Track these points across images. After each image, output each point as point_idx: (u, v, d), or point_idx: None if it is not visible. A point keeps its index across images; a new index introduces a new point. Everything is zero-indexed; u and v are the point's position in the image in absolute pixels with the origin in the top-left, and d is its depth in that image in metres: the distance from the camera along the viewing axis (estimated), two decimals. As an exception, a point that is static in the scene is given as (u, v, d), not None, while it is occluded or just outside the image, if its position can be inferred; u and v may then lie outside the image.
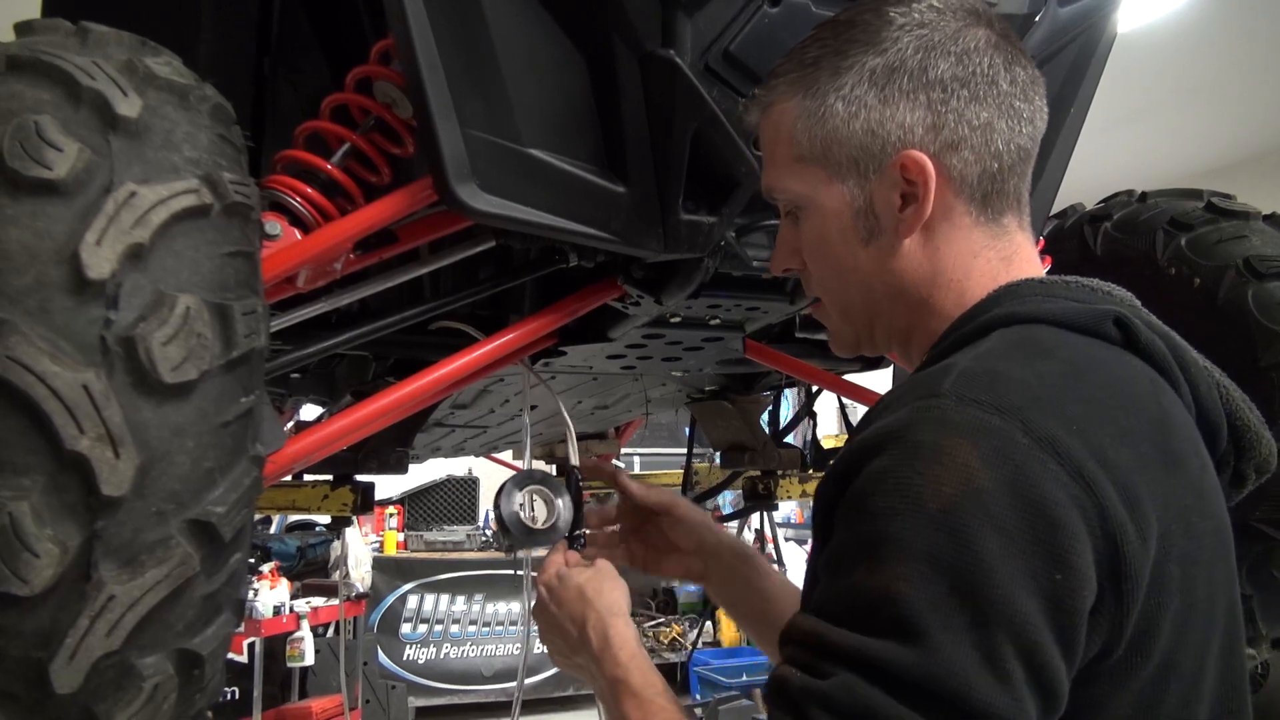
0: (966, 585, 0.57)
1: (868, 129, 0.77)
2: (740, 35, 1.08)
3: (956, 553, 0.57)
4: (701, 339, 1.54)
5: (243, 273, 0.77)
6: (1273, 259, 1.45)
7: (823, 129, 0.79)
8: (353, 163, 1.14)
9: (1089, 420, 0.62)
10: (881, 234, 0.79)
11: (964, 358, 0.68)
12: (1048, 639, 0.57)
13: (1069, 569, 0.58)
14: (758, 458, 2.15)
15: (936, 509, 0.58)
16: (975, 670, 0.56)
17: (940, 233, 0.78)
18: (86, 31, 0.80)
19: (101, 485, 0.65)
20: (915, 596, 0.57)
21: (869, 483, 0.63)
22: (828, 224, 0.81)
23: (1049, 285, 0.76)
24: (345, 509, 1.72)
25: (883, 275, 0.80)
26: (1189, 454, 0.68)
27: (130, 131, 0.72)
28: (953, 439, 0.60)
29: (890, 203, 0.78)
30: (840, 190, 0.80)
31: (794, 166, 0.82)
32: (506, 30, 1.04)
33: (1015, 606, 0.56)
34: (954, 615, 0.57)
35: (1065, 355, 0.67)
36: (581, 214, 1.10)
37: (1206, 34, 4.05)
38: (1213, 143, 5.13)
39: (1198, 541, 0.65)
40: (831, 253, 0.82)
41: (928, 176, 0.76)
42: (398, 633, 5.70)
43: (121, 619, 0.68)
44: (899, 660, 0.57)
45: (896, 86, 0.77)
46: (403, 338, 1.46)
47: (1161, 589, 0.62)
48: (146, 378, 0.68)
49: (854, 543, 0.63)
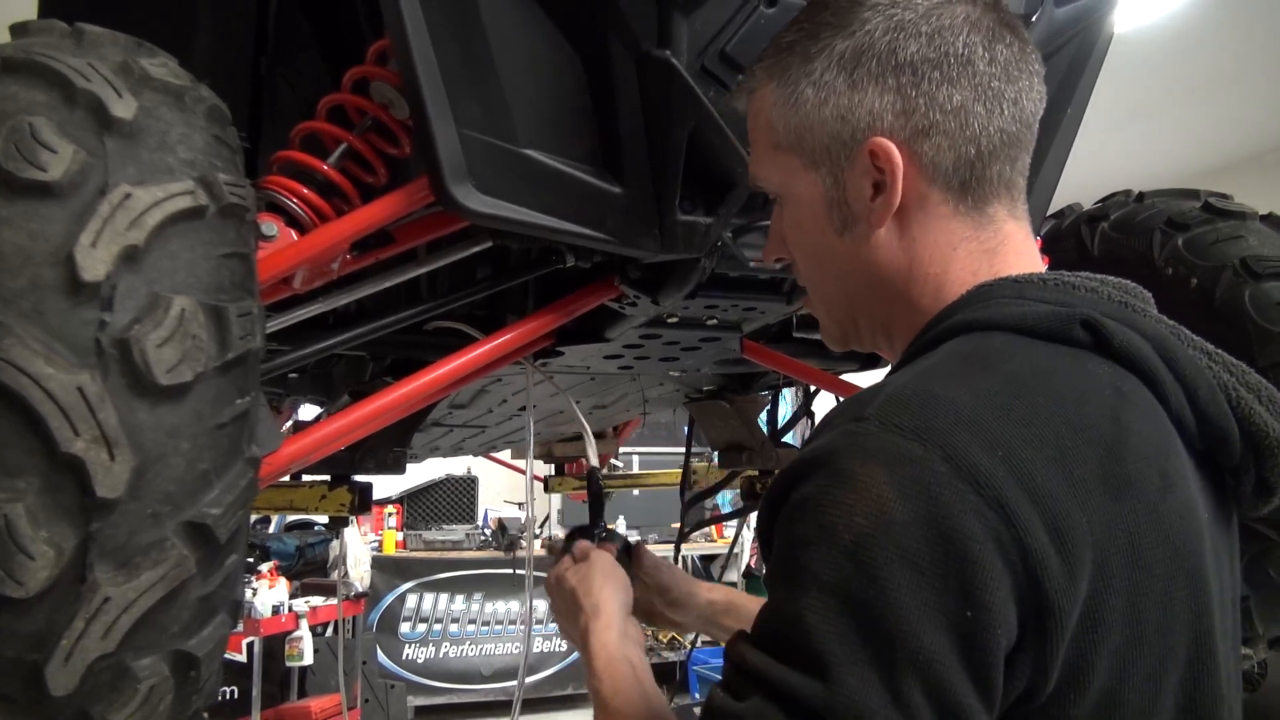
0: (873, 620, 0.56)
1: (837, 115, 0.75)
2: (737, 36, 1.08)
3: (864, 586, 0.56)
4: (699, 339, 1.54)
5: (238, 274, 0.77)
6: (1269, 259, 1.45)
7: (795, 116, 0.77)
8: (349, 163, 1.14)
9: (1021, 443, 0.59)
10: (856, 224, 0.77)
11: (902, 376, 0.66)
12: (958, 677, 0.55)
13: (981, 607, 0.56)
14: (755, 457, 2.15)
15: (849, 540, 0.57)
16: (879, 706, 0.55)
17: (916, 223, 0.76)
18: (81, 33, 0.80)
19: (96, 487, 0.65)
20: (823, 629, 0.57)
21: (793, 509, 0.62)
22: (803, 213, 0.80)
23: (1022, 286, 0.72)
24: (343, 509, 1.72)
25: (859, 266, 0.78)
26: (1146, 475, 0.63)
27: (125, 133, 0.72)
28: (870, 467, 0.59)
29: (862, 191, 0.75)
30: (814, 179, 0.78)
31: (772, 154, 0.81)
32: (503, 31, 1.04)
33: (922, 642, 0.55)
34: (860, 650, 0.56)
35: (1011, 369, 0.64)
36: (578, 214, 1.10)
37: (1204, 34, 4.05)
38: (1211, 143, 5.13)
39: (1147, 571, 0.61)
40: (809, 242, 0.81)
41: (894, 164, 0.73)
42: (397, 632, 5.71)
43: (117, 621, 0.68)
44: (805, 692, 0.56)
45: (865, 70, 0.74)
46: (400, 338, 1.46)
47: (1097, 623, 0.59)
48: (141, 380, 0.68)
49: (776, 568, 0.63)
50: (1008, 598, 0.56)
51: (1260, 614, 1.46)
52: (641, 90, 1.08)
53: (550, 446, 3.09)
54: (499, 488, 6.38)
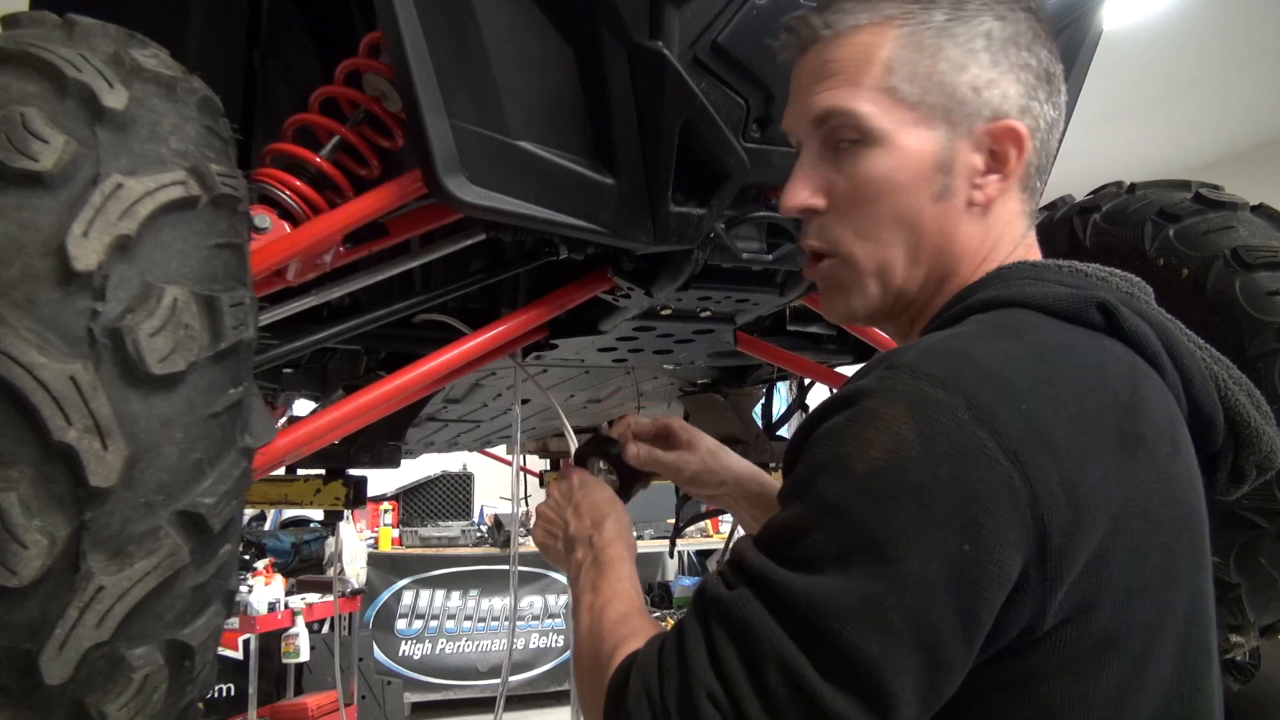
0: (871, 543, 0.60)
1: (973, 85, 0.75)
2: (729, 27, 1.08)
3: (869, 513, 0.60)
4: (692, 331, 1.54)
5: (230, 264, 0.77)
6: (1260, 249, 1.46)
7: (928, 68, 0.75)
8: (342, 155, 1.14)
9: (1043, 400, 0.62)
10: (953, 195, 0.76)
11: (932, 336, 0.69)
12: (942, 606, 0.59)
13: (980, 543, 0.59)
14: (750, 450, 2.16)
15: (862, 470, 0.61)
16: (855, 615, 0.59)
17: (995, 212, 0.78)
18: (73, 24, 0.80)
19: (89, 476, 0.65)
20: (823, 543, 0.61)
21: (819, 436, 0.66)
22: (902, 168, 0.75)
23: (1039, 269, 0.75)
24: (338, 503, 1.72)
25: (936, 239, 0.77)
26: (1159, 439, 0.67)
27: (117, 123, 0.72)
28: (894, 408, 0.62)
29: (972, 166, 0.76)
30: (928, 135, 0.75)
31: (878, 95, 0.76)
32: (495, 23, 1.04)
33: (912, 567, 0.59)
34: (852, 566, 0.60)
35: (1035, 339, 0.67)
36: (571, 206, 1.10)
37: (1197, 30, 4.07)
38: (1203, 137, 5.15)
39: (1154, 526, 0.65)
40: (894, 200, 0.76)
41: (1024, 150, 0.75)
42: (393, 628, 5.71)
43: (111, 610, 0.68)
44: (790, 588, 0.61)
45: (1007, 57, 0.76)
46: (394, 331, 1.47)
47: (1103, 568, 0.62)
48: (134, 369, 0.68)
49: (790, 487, 0.67)
50: (1012, 541, 0.59)
51: (1251, 602, 1.47)
52: (634, 82, 1.08)
53: (545, 441, 3.09)
54: (495, 484, 6.37)
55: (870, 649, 0.58)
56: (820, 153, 0.79)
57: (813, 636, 0.59)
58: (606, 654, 0.76)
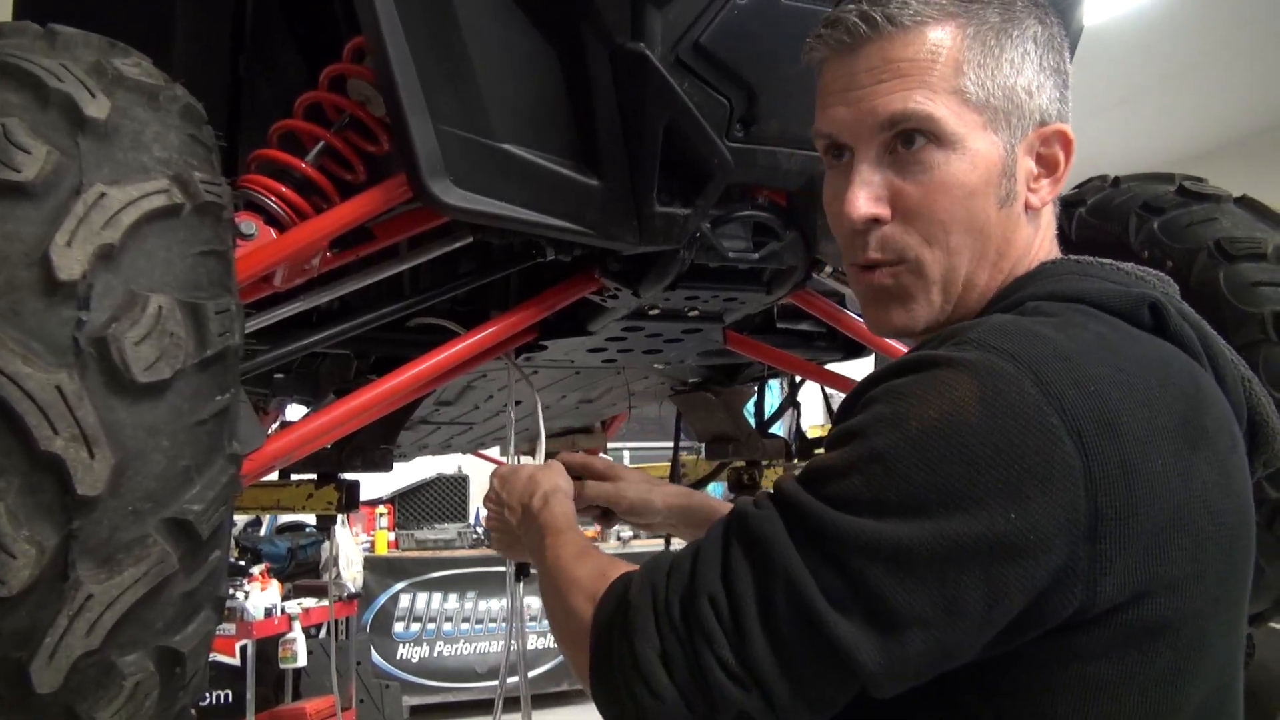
0: (909, 493, 0.60)
1: (1026, 89, 0.75)
2: (710, 27, 1.08)
3: (914, 468, 0.60)
4: (681, 331, 1.54)
5: (215, 272, 0.78)
6: (1243, 241, 1.47)
7: (993, 72, 0.74)
8: (327, 161, 1.15)
9: (1111, 384, 0.62)
10: (1015, 199, 0.76)
11: (1000, 316, 0.69)
12: (974, 568, 0.59)
13: (1024, 513, 0.59)
14: (742, 448, 2.16)
15: (916, 427, 0.61)
16: (883, 557, 0.59)
17: (1044, 214, 0.79)
18: (55, 34, 0.80)
19: (77, 485, 0.66)
20: (862, 484, 0.62)
21: (879, 392, 0.66)
22: (976, 172, 0.74)
23: (1085, 266, 0.76)
24: (330, 507, 1.72)
25: (999, 244, 0.76)
26: (1220, 431, 0.68)
27: (99, 133, 0.73)
28: (960, 375, 0.62)
29: (1027, 170, 0.76)
30: (995, 140, 0.74)
31: (950, 98, 0.73)
32: (477, 26, 1.04)
33: (948, 524, 0.59)
34: (886, 511, 0.60)
35: (1100, 330, 0.67)
36: (556, 208, 1.11)
37: (1180, 24, 4.09)
38: (1187, 131, 5.17)
39: (1216, 519, 0.65)
40: (967, 206, 0.74)
41: (1071, 154, 0.77)
42: (391, 632, 5.70)
43: (100, 618, 0.68)
44: (819, 517, 0.62)
45: (1050, 62, 0.76)
46: (383, 335, 1.47)
47: (1161, 557, 0.62)
48: (120, 378, 0.68)
49: (840, 432, 0.67)
50: (1059, 518, 0.59)
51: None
52: (617, 83, 1.09)
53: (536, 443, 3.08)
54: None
55: (888, 591, 0.59)
56: (880, 157, 0.75)
57: (830, 565, 0.60)
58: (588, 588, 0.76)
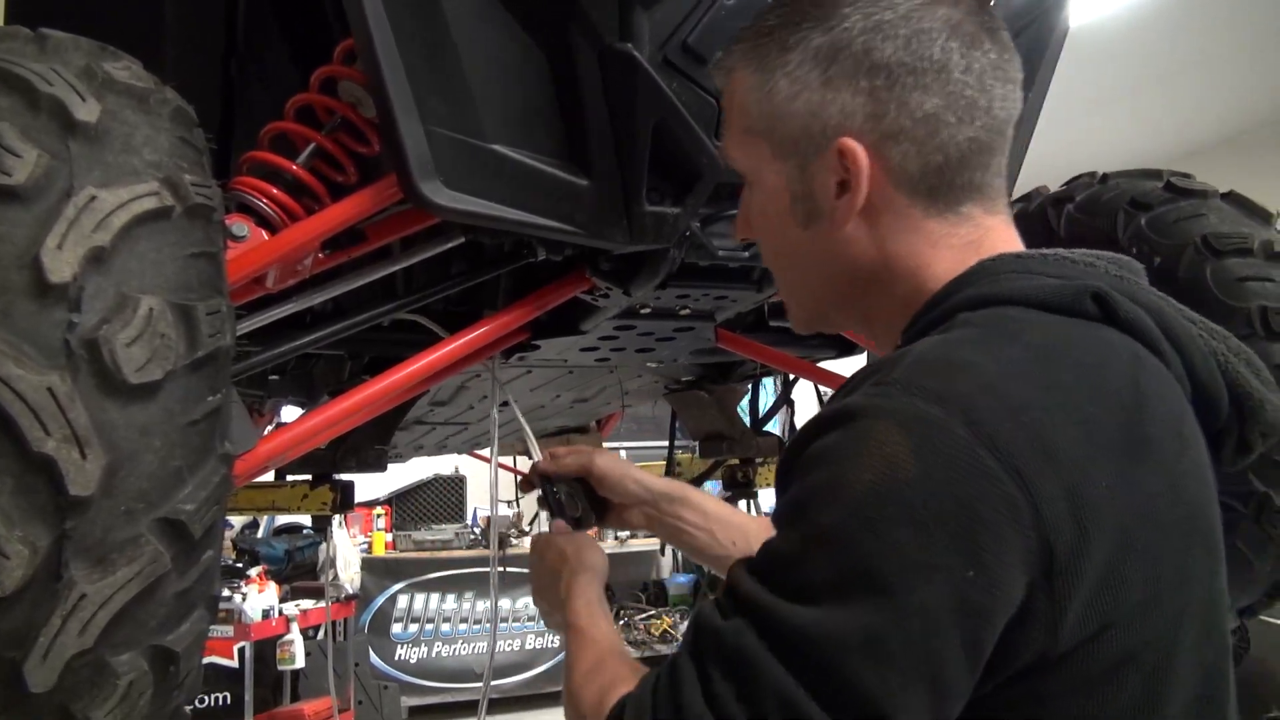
0: (869, 571, 0.57)
1: (809, 110, 0.74)
2: (698, 27, 1.09)
3: (866, 539, 0.58)
4: (673, 329, 1.55)
5: (206, 273, 0.78)
6: (1230, 236, 1.47)
7: (768, 105, 0.76)
8: (319, 162, 1.15)
9: (1044, 409, 0.60)
10: (820, 218, 0.76)
11: (925, 344, 0.66)
12: (947, 634, 0.57)
13: (984, 568, 0.56)
14: (736, 446, 2.17)
15: (858, 493, 0.58)
16: (855, 649, 0.56)
17: (884, 223, 0.75)
18: (45, 38, 0.80)
19: (69, 486, 0.66)
20: (819, 572, 0.59)
21: (810, 456, 0.64)
22: (769, 201, 0.80)
23: (1026, 261, 0.73)
24: (325, 507, 1.73)
25: (823, 259, 0.78)
26: (1166, 437, 0.65)
27: (89, 136, 0.73)
28: (888, 427, 0.60)
29: (828, 188, 0.75)
30: (780, 169, 0.77)
31: (743, 138, 0.80)
32: (466, 27, 1.05)
33: (914, 596, 0.56)
34: (850, 597, 0.57)
35: (1033, 339, 0.65)
36: (546, 208, 1.11)
37: (1169, 22, 4.11)
38: (1175, 128, 5.19)
39: (1164, 532, 0.63)
40: (771, 229, 0.81)
41: (860, 167, 0.73)
42: (389, 633, 5.70)
43: (94, 617, 0.68)
44: (787, 620, 0.58)
45: (839, 68, 0.73)
46: (377, 336, 1.47)
47: (1118, 583, 0.60)
48: (111, 379, 0.68)
49: (784, 510, 0.65)
50: (1015, 563, 0.57)
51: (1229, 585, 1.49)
52: (605, 83, 1.09)
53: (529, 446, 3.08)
54: (487, 486, 6.36)
55: (873, 683, 0.56)
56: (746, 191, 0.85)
57: (813, 671, 0.57)
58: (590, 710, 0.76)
